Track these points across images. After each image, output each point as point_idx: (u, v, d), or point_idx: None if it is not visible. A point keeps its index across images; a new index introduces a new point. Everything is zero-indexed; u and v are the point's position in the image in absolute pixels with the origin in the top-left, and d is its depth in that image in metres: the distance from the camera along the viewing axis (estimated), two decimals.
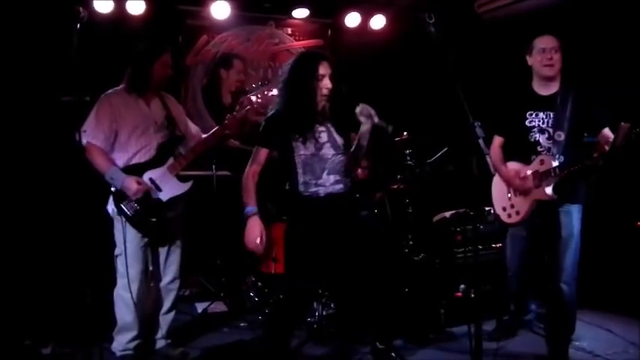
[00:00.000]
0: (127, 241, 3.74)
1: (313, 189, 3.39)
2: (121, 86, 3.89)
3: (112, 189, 3.74)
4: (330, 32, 6.68)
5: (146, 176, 3.81)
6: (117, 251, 3.83)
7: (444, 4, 6.01)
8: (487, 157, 2.52)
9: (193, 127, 4.26)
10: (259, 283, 5.17)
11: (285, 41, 6.56)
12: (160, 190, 3.84)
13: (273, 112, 3.47)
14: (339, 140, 3.48)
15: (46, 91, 3.33)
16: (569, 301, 3.79)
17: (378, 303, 3.58)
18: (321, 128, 3.44)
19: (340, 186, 3.44)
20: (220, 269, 5.52)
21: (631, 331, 4.22)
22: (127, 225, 3.75)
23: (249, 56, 6.41)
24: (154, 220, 3.79)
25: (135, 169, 3.80)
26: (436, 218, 4.22)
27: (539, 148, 3.77)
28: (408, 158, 5.16)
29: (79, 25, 2.74)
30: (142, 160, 3.83)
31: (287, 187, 3.47)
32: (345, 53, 6.53)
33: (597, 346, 4.16)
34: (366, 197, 5.02)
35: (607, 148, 3.45)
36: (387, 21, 6.49)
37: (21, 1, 5.03)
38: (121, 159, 3.81)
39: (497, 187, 4.03)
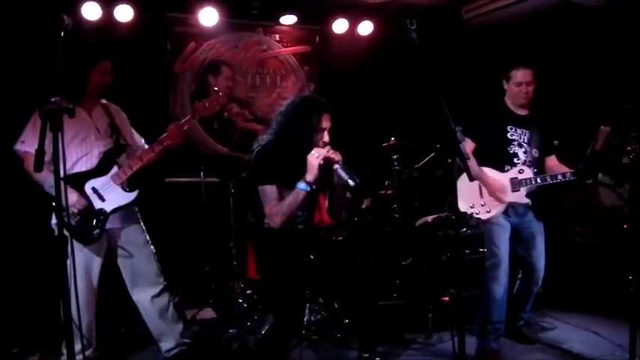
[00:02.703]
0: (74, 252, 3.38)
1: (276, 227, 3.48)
2: (59, 96, 3.76)
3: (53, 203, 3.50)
4: (318, 38, 6.69)
5: (88, 185, 3.66)
6: None
7: (432, 10, 6.08)
8: (468, 161, 2.54)
9: (138, 138, 4.11)
10: (248, 290, 5.18)
11: (273, 48, 6.56)
12: (103, 199, 3.67)
13: (264, 144, 3.44)
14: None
15: (30, 99, 3.30)
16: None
17: (362, 312, 3.58)
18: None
19: (302, 226, 3.52)
20: (209, 276, 5.51)
21: (618, 333, 4.23)
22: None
23: (238, 63, 6.42)
24: (97, 231, 3.63)
25: (76, 178, 3.64)
26: (418, 222, 4.25)
27: (516, 160, 4.09)
28: (396, 164, 5.18)
29: (63, 34, 2.70)
30: (84, 168, 3.69)
31: (250, 217, 3.50)
32: (333, 59, 6.58)
33: (584, 348, 4.17)
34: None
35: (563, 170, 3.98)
36: (374, 27, 6.51)
37: (7, 8, 5.02)
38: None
39: (467, 185, 4.01)
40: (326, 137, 3.40)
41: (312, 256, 3.48)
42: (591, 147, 3.51)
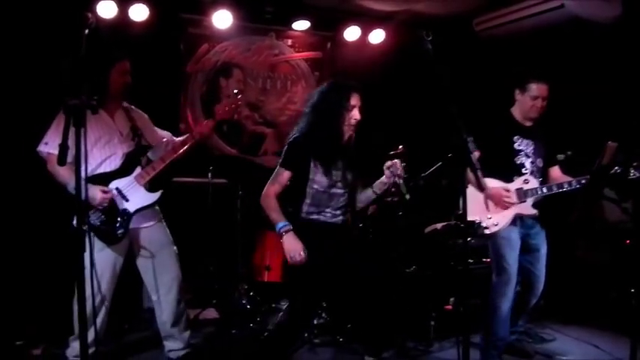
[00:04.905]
0: (95, 252, 3.44)
1: (314, 217, 3.51)
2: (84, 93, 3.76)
3: None
4: (329, 45, 6.74)
5: (112, 185, 3.70)
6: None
7: (443, 21, 6.12)
8: (478, 171, 2.58)
9: (164, 134, 4.15)
10: (251, 292, 5.22)
11: (285, 52, 6.61)
12: (127, 200, 3.72)
13: (297, 134, 3.50)
14: (350, 177, 3.56)
15: (53, 95, 3.31)
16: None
17: (369, 317, 3.60)
18: (339, 163, 3.50)
19: (339, 218, 3.55)
20: (213, 276, 5.54)
21: (618, 347, 4.27)
22: (95, 238, 3.56)
23: (249, 66, 6.46)
24: (121, 231, 3.68)
25: (100, 179, 3.68)
26: (427, 230, 4.26)
27: (523, 170, 4.05)
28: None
29: (87, 31, 2.74)
30: (108, 169, 3.73)
31: (289, 209, 3.54)
32: (344, 66, 6.61)
33: None
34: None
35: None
36: (386, 35, 6.55)
37: (29, 7, 5.07)
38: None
39: (473, 198, 4.04)
40: (357, 114, 3.46)
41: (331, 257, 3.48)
42: (598, 162, 3.53)
